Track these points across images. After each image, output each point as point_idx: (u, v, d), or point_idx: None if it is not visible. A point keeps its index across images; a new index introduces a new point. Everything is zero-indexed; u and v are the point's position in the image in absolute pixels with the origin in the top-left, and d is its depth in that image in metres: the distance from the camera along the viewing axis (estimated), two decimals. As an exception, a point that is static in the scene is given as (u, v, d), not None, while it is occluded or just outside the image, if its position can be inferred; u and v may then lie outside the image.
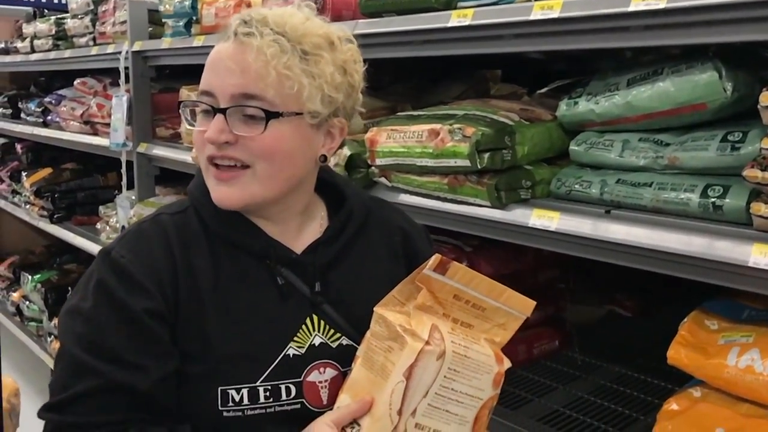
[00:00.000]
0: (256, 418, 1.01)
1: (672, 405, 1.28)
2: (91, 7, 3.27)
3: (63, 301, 3.88)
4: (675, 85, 1.30)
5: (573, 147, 1.51)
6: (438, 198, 1.59)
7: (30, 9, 4.47)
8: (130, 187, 3.00)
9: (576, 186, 1.45)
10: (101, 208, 3.46)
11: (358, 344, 1.04)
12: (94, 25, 3.24)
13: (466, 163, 1.45)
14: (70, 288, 3.92)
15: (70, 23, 3.47)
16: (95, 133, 3.31)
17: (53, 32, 3.63)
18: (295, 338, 1.05)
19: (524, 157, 1.50)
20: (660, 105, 1.34)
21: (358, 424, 0.95)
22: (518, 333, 1.86)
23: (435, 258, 0.95)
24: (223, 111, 0.99)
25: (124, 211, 2.96)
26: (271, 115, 0.99)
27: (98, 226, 3.46)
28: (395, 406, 0.93)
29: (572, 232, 1.35)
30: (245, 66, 0.99)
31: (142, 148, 2.86)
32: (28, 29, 4.01)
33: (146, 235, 1.06)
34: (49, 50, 3.71)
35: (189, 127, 1.07)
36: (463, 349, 0.97)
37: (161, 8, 2.64)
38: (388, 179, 1.70)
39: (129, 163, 2.95)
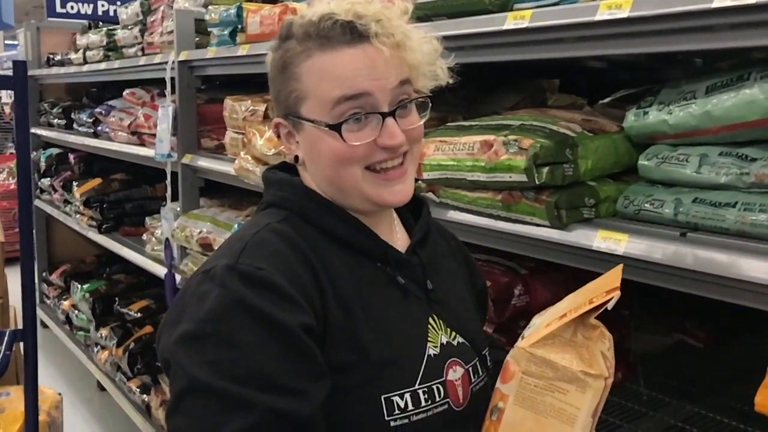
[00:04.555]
0: (421, 424, 0.97)
1: (760, 458, 1.11)
2: (141, 17, 3.27)
3: (110, 311, 3.95)
4: (765, 92, 1.14)
5: (642, 162, 1.36)
6: (491, 216, 1.46)
7: (85, 22, 4.54)
8: (174, 198, 2.96)
9: (646, 205, 1.30)
10: (147, 219, 3.46)
11: (468, 342, 1.08)
12: (142, 36, 3.24)
13: (523, 178, 1.32)
14: (117, 298, 3.93)
15: (120, 34, 3.49)
16: (142, 144, 3.30)
17: (104, 43, 3.67)
18: (429, 338, 1.04)
19: (587, 172, 1.36)
20: (746, 115, 1.18)
21: None
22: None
23: (616, 295, 0.92)
24: (393, 113, 0.98)
25: (168, 223, 2.92)
26: (430, 99, 1.04)
27: (144, 237, 3.44)
28: None
29: (642, 256, 1.21)
30: (397, 63, 0.98)
31: (186, 159, 2.82)
32: (81, 41, 4.07)
33: (274, 244, 0.96)
34: (100, 61, 3.74)
35: (352, 143, 0.97)
36: (613, 358, 0.96)
37: (207, 17, 2.60)
38: (436, 194, 1.58)
39: (174, 175, 2.92)
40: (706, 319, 1.91)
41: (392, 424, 0.94)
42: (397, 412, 0.95)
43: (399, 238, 1.11)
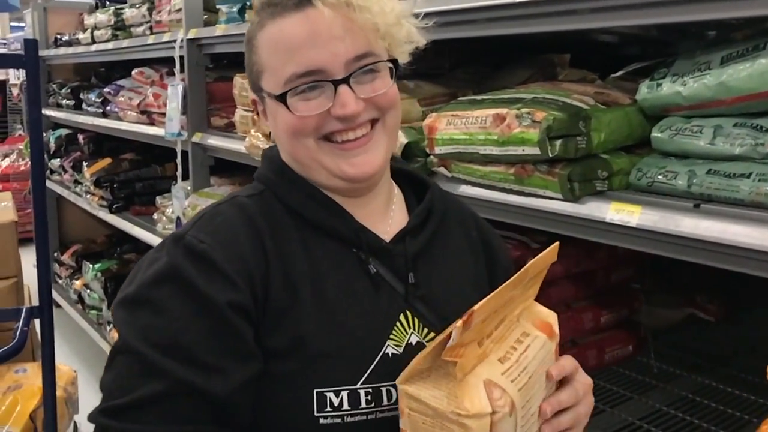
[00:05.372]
0: (356, 426, 0.89)
1: (772, 427, 1.12)
2: (148, -5, 3.26)
3: (122, 290, 3.98)
4: (781, 61, 1.14)
5: (656, 134, 1.36)
6: (503, 190, 1.46)
7: (92, 1, 4.53)
8: (185, 177, 2.97)
9: (659, 177, 1.30)
10: (158, 199, 3.47)
11: None
12: (150, 14, 3.23)
13: (536, 151, 1.32)
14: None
15: (128, 13, 3.48)
16: (152, 123, 3.31)
17: (112, 22, 3.66)
18: (392, 335, 0.95)
19: (600, 145, 1.36)
20: (762, 85, 1.17)
21: None
22: (589, 337, 1.75)
23: (457, 328, 0.75)
24: (346, 81, 0.91)
25: (179, 202, 2.93)
26: (395, 64, 0.96)
27: (155, 216, 3.46)
28: None
29: (656, 228, 1.21)
30: (350, 27, 0.91)
31: (196, 137, 2.82)
32: (89, 21, 4.06)
33: (227, 218, 0.94)
34: (107, 40, 3.73)
35: (302, 114, 0.92)
36: (524, 374, 0.81)
37: (215, -6, 2.59)
38: (448, 169, 1.58)
39: (184, 153, 2.93)
40: (718, 293, 1.91)
41: (321, 421, 0.88)
42: (328, 409, 0.88)
43: (392, 224, 1.03)
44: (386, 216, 1.04)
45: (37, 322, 2.07)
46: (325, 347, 0.91)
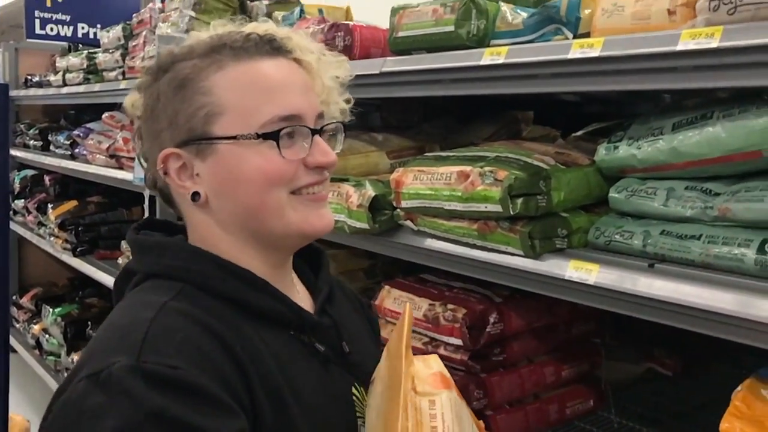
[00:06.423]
0: None
1: (725, 484, 1.15)
2: (122, 42, 3.29)
3: (82, 335, 3.88)
4: (727, 130, 1.20)
5: (613, 194, 1.41)
6: (467, 245, 1.49)
7: (65, 44, 4.54)
8: (152, 222, 2.95)
9: (616, 236, 1.35)
10: (123, 243, 3.43)
11: None
12: (124, 60, 3.26)
13: (498, 208, 1.36)
14: (90, 323, 3.87)
15: (101, 57, 3.50)
16: (121, 167, 3.30)
17: (84, 66, 3.67)
18: (357, 413, 0.92)
19: (560, 204, 1.41)
20: (710, 152, 1.23)
21: None
22: (550, 391, 1.76)
23: None
24: (319, 131, 0.92)
25: (145, 247, 2.91)
26: (345, 128, 0.99)
27: (120, 261, 3.42)
28: None
29: (612, 286, 1.25)
30: (313, 84, 0.94)
31: (165, 183, 2.82)
32: (61, 63, 4.07)
33: (183, 332, 0.78)
34: (79, 84, 3.74)
35: (289, 158, 0.88)
36: None
37: (189, 44, 2.63)
38: (414, 223, 1.61)
39: (152, 199, 2.91)
40: (675, 348, 1.95)
41: None
42: None
43: (302, 298, 0.98)
44: (295, 290, 0.99)
45: (-9, 369, 2.01)
46: None
